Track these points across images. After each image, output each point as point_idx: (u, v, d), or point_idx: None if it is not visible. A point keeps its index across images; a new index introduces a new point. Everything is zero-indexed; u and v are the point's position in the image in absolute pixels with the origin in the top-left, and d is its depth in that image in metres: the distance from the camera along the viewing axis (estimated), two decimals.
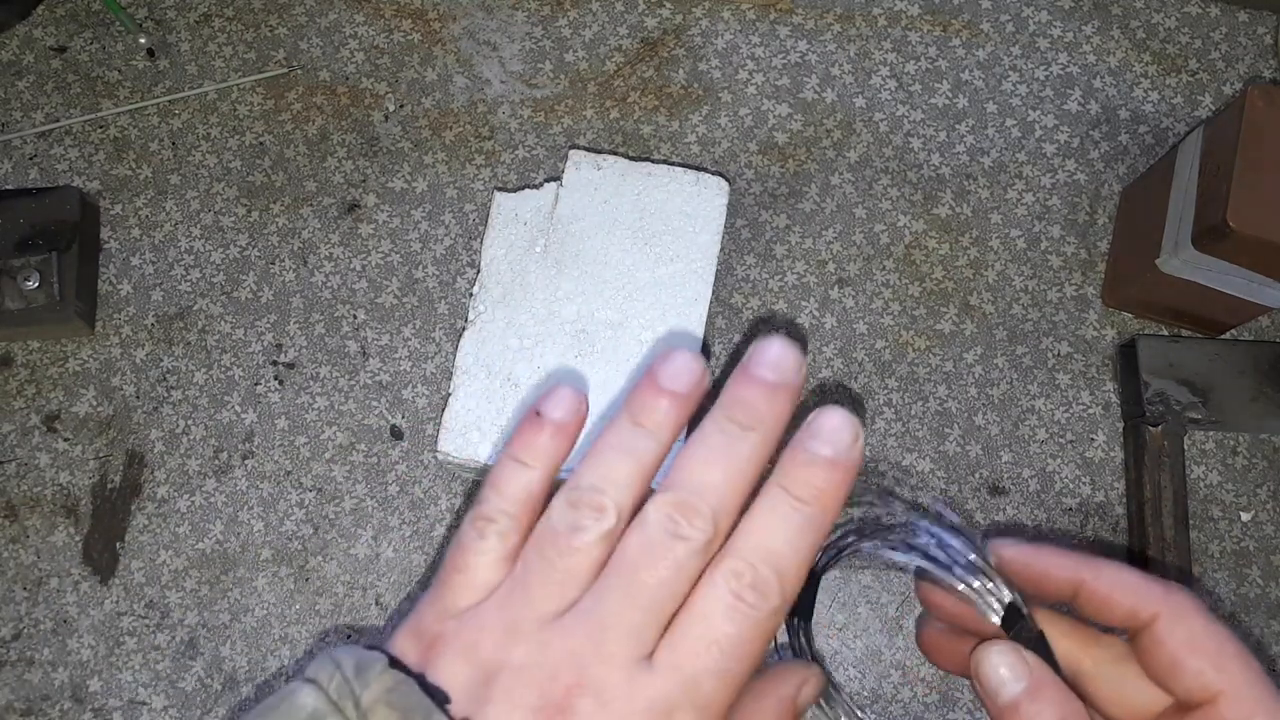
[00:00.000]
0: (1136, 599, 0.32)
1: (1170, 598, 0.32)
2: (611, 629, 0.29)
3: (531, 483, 0.33)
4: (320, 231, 0.68)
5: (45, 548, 0.64)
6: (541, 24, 0.72)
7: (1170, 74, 0.71)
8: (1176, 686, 0.32)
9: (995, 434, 0.65)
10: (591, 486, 0.31)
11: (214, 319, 0.67)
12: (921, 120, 0.70)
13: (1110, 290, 0.67)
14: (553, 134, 0.70)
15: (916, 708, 0.61)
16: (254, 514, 0.64)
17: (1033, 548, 0.34)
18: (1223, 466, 0.65)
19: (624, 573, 0.30)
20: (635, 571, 0.30)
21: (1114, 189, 0.69)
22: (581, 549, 0.30)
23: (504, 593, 0.31)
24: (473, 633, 0.30)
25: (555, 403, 0.33)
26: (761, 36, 0.71)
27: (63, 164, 0.70)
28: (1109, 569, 0.33)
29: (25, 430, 0.66)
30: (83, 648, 0.62)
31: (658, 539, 0.30)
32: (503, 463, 0.33)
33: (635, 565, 0.30)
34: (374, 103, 0.71)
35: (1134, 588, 0.33)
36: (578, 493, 0.31)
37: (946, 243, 0.68)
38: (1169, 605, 0.32)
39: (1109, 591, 0.33)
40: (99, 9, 0.72)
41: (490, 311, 0.60)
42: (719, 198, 0.62)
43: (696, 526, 0.30)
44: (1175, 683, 0.32)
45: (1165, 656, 0.32)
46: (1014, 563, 0.34)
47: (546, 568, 0.30)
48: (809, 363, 0.66)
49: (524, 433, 0.33)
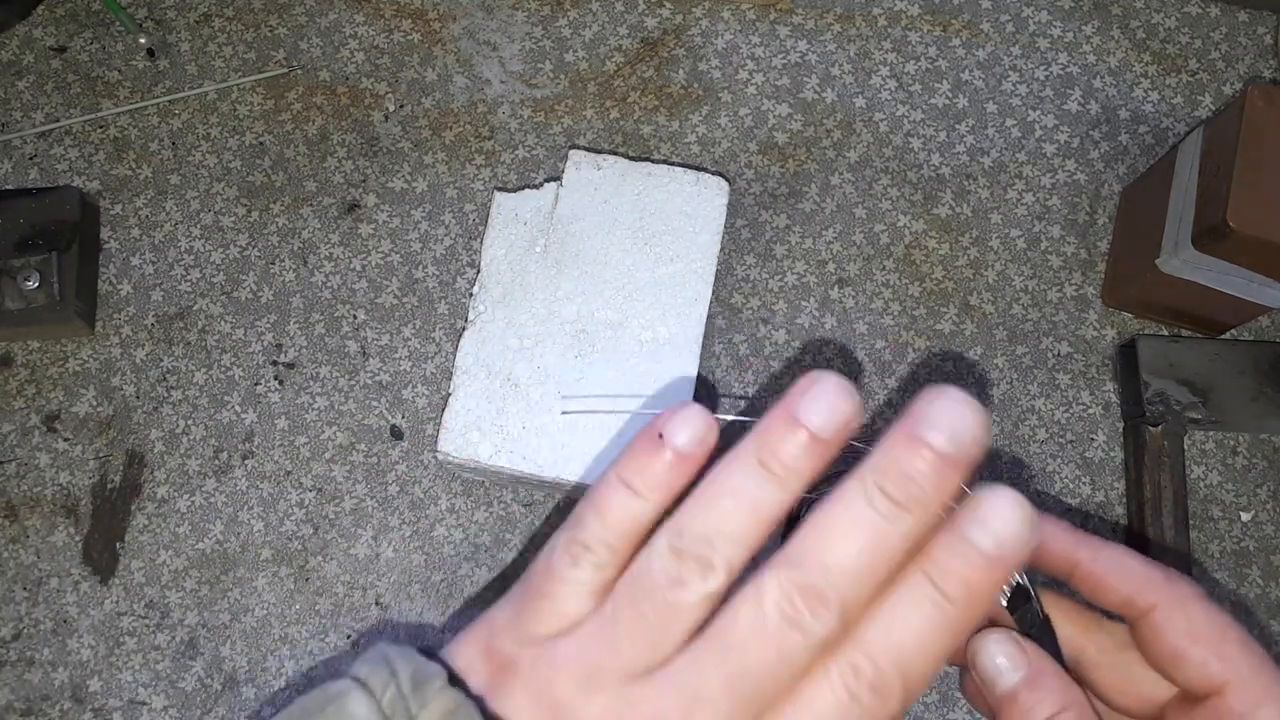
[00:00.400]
0: (1134, 585, 0.32)
1: (1170, 586, 0.31)
2: (705, 704, 0.26)
3: (640, 515, 0.29)
4: (320, 231, 0.68)
5: (45, 548, 0.64)
6: (541, 24, 0.72)
7: (1170, 74, 0.71)
8: (1179, 677, 0.31)
9: (995, 434, 0.65)
10: (701, 537, 0.27)
11: (214, 319, 0.67)
12: (921, 120, 0.70)
13: (1110, 290, 0.67)
14: (553, 134, 0.70)
15: (916, 707, 0.61)
16: (254, 514, 0.64)
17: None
18: (1223, 466, 0.65)
19: (729, 650, 0.26)
20: (742, 652, 0.26)
21: (1114, 189, 0.69)
22: (682, 607, 0.27)
23: (590, 632, 0.28)
24: (549, 669, 0.28)
25: (680, 425, 0.29)
26: (761, 36, 0.71)
27: (63, 164, 0.70)
28: (1108, 551, 0.32)
29: (25, 430, 0.66)
30: (83, 648, 0.62)
31: (773, 623, 0.26)
32: (610, 484, 0.29)
33: (743, 645, 0.26)
34: (374, 103, 0.71)
35: (1132, 573, 0.32)
36: (683, 541, 0.27)
37: (946, 243, 0.68)
38: (1168, 593, 0.31)
39: (1106, 575, 0.32)
40: (99, 9, 0.72)
41: (490, 311, 0.60)
42: (719, 198, 0.62)
43: (821, 619, 0.26)
44: (1178, 673, 0.31)
45: (1166, 647, 0.31)
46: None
47: (639, 618, 0.27)
48: (811, 364, 0.66)
49: (640, 454, 0.29)
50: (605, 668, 0.27)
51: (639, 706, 0.27)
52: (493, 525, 0.64)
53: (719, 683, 0.26)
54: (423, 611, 0.63)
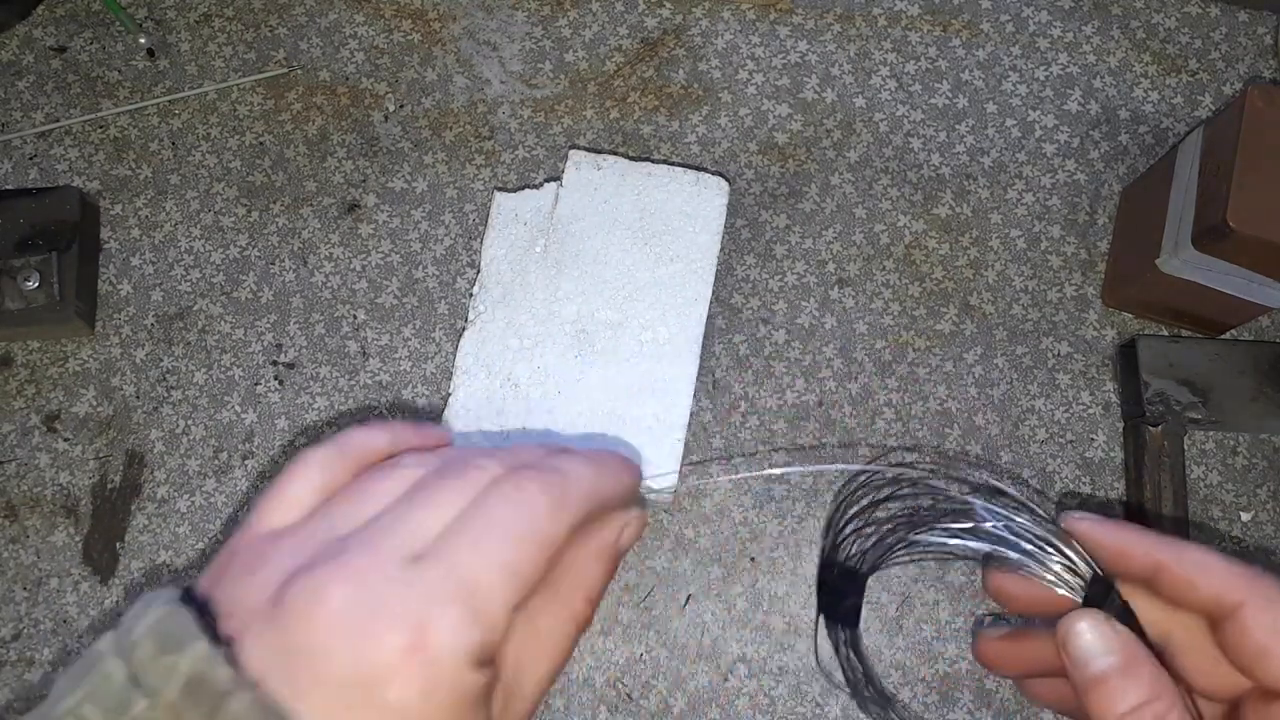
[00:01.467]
0: (1221, 585, 0.31)
1: (1256, 584, 0.31)
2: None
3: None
4: (320, 231, 0.68)
5: (45, 548, 0.64)
6: (541, 24, 0.72)
7: (1170, 74, 0.71)
8: (1263, 674, 0.31)
9: (995, 434, 0.65)
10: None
11: (214, 319, 0.67)
12: (921, 120, 0.70)
13: (1110, 290, 0.67)
14: (553, 134, 0.70)
15: (916, 707, 0.61)
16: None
17: (1112, 523, 0.33)
18: (1223, 466, 0.65)
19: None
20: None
21: (1114, 189, 0.69)
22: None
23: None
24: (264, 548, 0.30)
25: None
26: (761, 36, 0.71)
27: (63, 164, 0.70)
28: (1191, 551, 0.32)
29: (25, 430, 0.65)
30: (83, 648, 0.62)
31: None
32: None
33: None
34: (374, 103, 0.71)
35: (1218, 572, 0.31)
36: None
37: (946, 243, 0.68)
38: (1255, 592, 0.31)
39: (1191, 576, 0.32)
40: (99, 9, 0.72)
41: (490, 311, 0.60)
42: (719, 198, 0.62)
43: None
44: (1262, 670, 0.31)
45: (1252, 645, 0.31)
46: (1088, 537, 0.33)
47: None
48: (811, 364, 0.66)
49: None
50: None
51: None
52: None
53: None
54: None
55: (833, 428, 0.65)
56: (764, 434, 0.65)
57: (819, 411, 0.66)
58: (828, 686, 0.61)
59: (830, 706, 0.61)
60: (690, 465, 0.64)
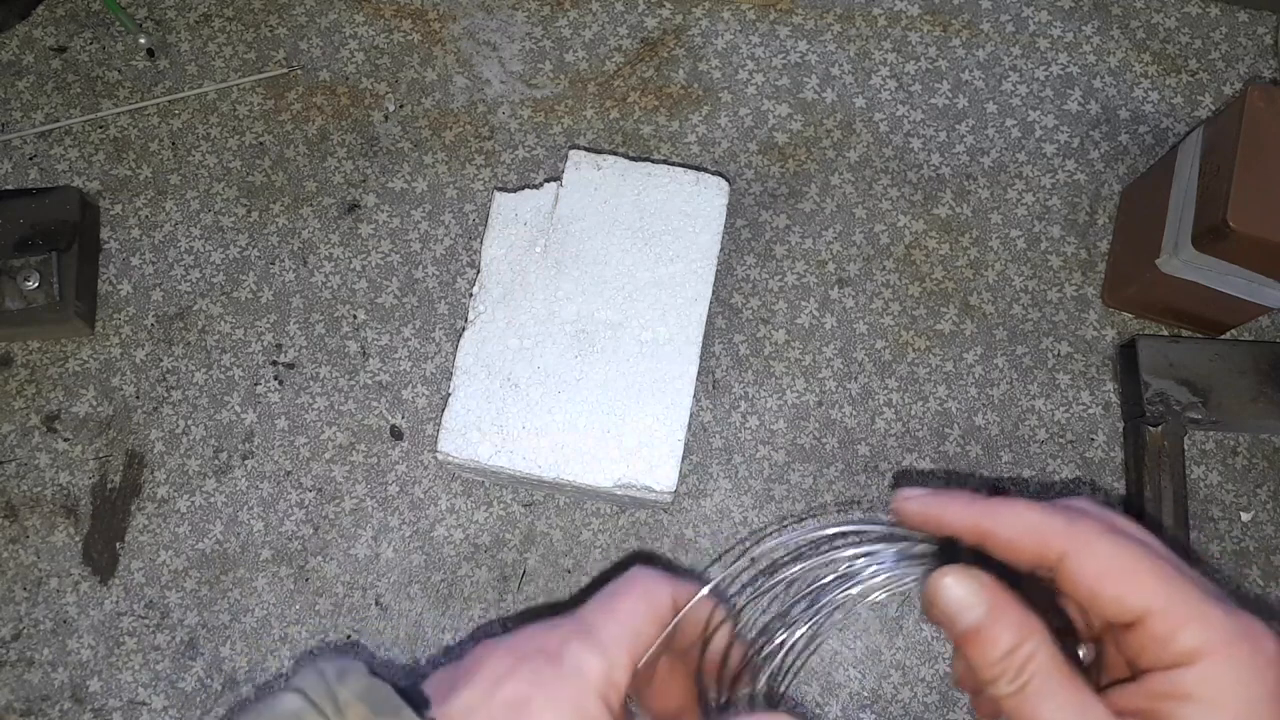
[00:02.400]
0: (1039, 540, 0.31)
1: (1073, 530, 0.31)
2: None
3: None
4: (320, 231, 0.68)
5: (45, 548, 0.64)
6: (541, 24, 0.72)
7: (1170, 74, 0.71)
8: (1102, 615, 0.31)
9: (995, 434, 0.65)
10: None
11: (214, 319, 0.67)
12: (921, 120, 0.70)
13: (1110, 290, 0.67)
14: (553, 134, 0.70)
15: (916, 708, 0.61)
16: (254, 514, 0.64)
17: (935, 499, 0.33)
18: (1223, 466, 0.65)
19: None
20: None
21: (1114, 189, 0.69)
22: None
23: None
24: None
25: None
26: (761, 36, 0.71)
27: (63, 164, 0.70)
28: (1007, 511, 0.32)
29: (25, 430, 0.65)
30: (83, 648, 0.62)
31: None
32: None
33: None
34: (374, 103, 0.71)
35: (1035, 528, 0.31)
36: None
37: (946, 243, 0.68)
38: (1073, 539, 0.31)
39: (1010, 537, 0.32)
40: (99, 9, 0.72)
41: (490, 311, 0.60)
42: (719, 198, 0.62)
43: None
44: (1099, 612, 0.31)
45: (1083, 591, 0.31)
46: (916, 517, 0.33)
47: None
48: (810, 364, 0.66)
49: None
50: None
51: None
52: (493, 525, 0.64)
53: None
54: (422, 611, 0.63)
55: (833, 428, 0.65)
56: (764, 434, 0.65)
57: (819, 411, 0.66)
58: (827, 686, 0.61)
59: (830, 706, 0.61)
60: (690, 465, 0.64)
